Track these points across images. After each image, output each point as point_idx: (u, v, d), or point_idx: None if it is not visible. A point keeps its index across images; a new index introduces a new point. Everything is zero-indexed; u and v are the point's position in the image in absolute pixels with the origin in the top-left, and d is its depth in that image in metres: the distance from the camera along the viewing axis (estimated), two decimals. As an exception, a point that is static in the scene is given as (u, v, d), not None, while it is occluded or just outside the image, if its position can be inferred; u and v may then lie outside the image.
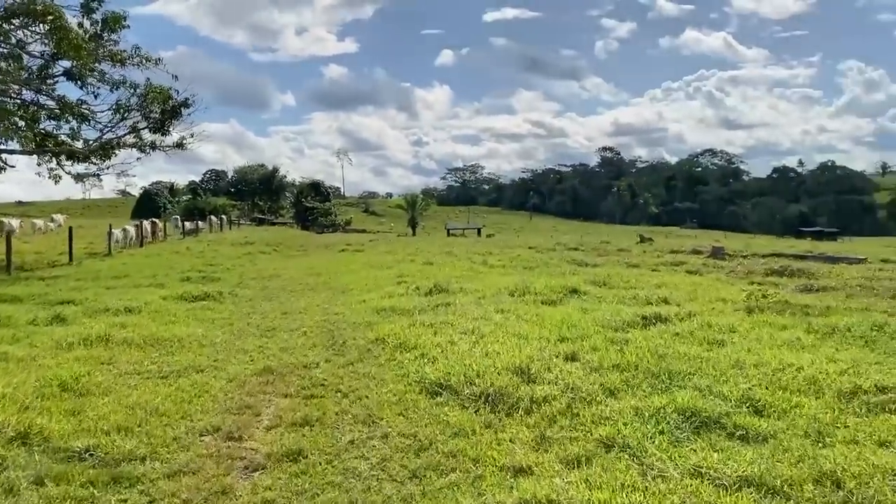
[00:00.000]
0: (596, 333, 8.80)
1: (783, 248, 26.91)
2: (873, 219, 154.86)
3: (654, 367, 7.03)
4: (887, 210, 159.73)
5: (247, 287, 16.06)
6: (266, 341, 9.65)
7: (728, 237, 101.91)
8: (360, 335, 9.59)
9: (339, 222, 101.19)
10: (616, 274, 16.33)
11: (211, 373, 7.89)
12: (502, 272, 18.15)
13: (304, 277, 18.03)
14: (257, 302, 13.77)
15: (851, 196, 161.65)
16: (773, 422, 5.53)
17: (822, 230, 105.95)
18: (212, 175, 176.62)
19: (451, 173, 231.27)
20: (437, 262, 19.93)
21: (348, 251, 29.02)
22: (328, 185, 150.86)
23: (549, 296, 12.45)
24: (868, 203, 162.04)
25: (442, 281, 14.35)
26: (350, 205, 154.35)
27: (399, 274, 16.77)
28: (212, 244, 32.31)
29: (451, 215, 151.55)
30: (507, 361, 7.11)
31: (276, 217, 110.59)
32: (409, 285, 14.38)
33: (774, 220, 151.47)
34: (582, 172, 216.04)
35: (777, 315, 10.52)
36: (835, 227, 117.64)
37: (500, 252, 25.04)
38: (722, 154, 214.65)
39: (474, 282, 15.23)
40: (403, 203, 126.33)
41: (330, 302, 13.39)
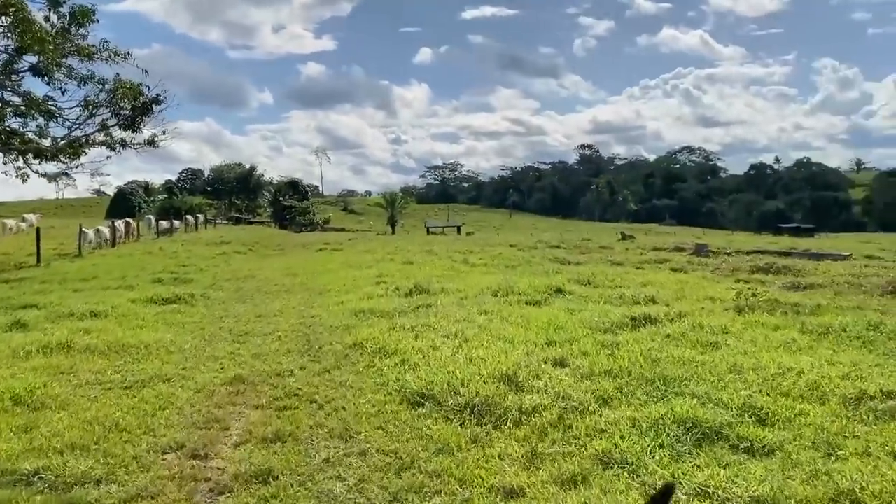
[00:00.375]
0: (584, 336, 8.44)
1: (765, 245, 26.85)
2: (848, 215, 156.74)
3: (648, 372, 6.67)
4: (862, 206, 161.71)
5: (220, 289, 15.52)
6: (238, 347, 9.17)
7: (707, 234, 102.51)
8: (337, 340, 9.14)
9: (317, 221, 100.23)
10: (600, 272, 16.01)
11: (178, 382, 7.41)
12: (484, 271, 17.78)
13: (281, 278, 17.51)
14: (230, 304, 13.25)
15: (827, 193, 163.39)
16: (779, 432, 5.18)
17: (800, 226, 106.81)
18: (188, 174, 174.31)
19: (431, 171, 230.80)
20: (417, 262, 19.50)
21: (326, 250, 28.45)
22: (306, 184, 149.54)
23: (534, 296, 12.08)
24: (843, 199, 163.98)
25: (422, 281, 13.93)
26: (329, 203, 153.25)
27: (378, 274, 16.31)
28: (186, 244, 31.59)
29: (431, 213, 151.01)
30: (492, 368, 6.71)
31: (253, 216, 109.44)
32: (389, 286, 13.94)
33: (751, 217, 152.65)
34: (561, 170, 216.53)
35: (768, 314, 10.24)
36: (811, 223, 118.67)
37: (482, 250, 24.66)
38: (700, 151, 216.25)
39: (456, 281, 14.84)
40: (383, 201, 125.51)
41: (306, 304, 12.92)
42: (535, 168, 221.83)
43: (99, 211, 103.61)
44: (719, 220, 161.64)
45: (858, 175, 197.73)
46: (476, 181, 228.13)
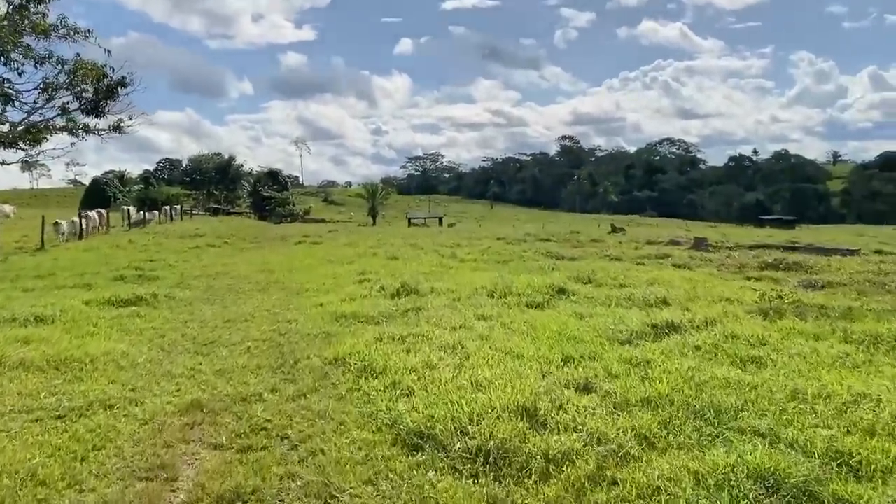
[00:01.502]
0: (604, 350, 7.26)
1: (764, 238, 25.84)
2: (827, 207, 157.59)
3: (693, 399, 5.51)
4: (840, 198, 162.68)
5: (188, 287, 14.17)
6: (200, 361, 7.88)
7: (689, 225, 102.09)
8: (315, 352, 7.88)
9: (297, 212, 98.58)
10: (601, 269, 14.86)
11: (123, 409, 6.14)
12: (475, 267, 16.57)
13: (255, 275, 16.19)
14: (197, 306, 11.92)
15: (806, 185, 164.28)
16: (880, 489, 4.04)
17: (781, 218, 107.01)
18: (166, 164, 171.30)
19: (411, 162, 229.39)
20: (402, 257, 18.24)
21: (305, 243, 27.05)
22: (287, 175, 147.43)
23: (534, 297, 10.90)
24: (822, 191, 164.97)
25: (410, 279, 12.69)
26: (309, 194, 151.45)
27: (361, 271, 15.03)
28: (158, 236, 30.05)
29: (412, 204, 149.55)
30: (505, 397, 5.48)
31: (232, 207, 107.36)
32: (373, 284, 12.69)
33: (731, 208, 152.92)
34: (542, 161, 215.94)
35: (799, 320, 9.14)
36: (790, 214, 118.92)
37: (469, 244, 23.45)
38: (680, 143, 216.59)
39: (446, 280, 13.62)
40: (363, 192, 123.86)
41: (282, 306, 11.63)
42: (516, 159, 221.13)
43: (74, 201, 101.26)
44: (699, 211, 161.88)
45: (835, 167, 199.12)
46: (457, 172, 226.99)
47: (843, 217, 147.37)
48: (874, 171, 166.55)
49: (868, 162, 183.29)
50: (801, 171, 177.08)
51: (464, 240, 26.23)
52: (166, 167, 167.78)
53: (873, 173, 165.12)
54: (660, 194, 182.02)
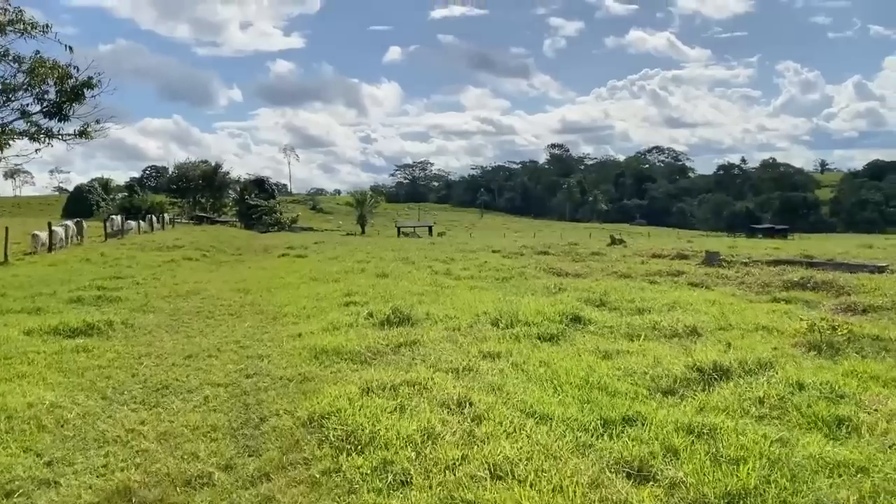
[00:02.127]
0: (648, 406, 5.80)
1: (774, 251, 24.42)
2: (817, 215, 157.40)
3: (792, 496, 4.05)
4: (830, 207, 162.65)
5: (152, 311, 12.61)
6: (144, 418, 6.35)
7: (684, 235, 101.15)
8: (286, 407, 6.37)
9: (284, 221, 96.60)
10: (612, 289, 13.43)
11: (24, 501, 4.63)
12: (472, 286, 15.10)
13: (230, 294, 14.63)
14: (158, 336, 10.38)
15: (796, 193, 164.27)
16: None
17: (773, 227, 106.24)
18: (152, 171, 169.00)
19: (401, 170, 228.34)
20: (392, 274, 16.73)
21: (289, 256, 25.46)
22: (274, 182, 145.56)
23: (547, 327, 9.43)
24: (811, 200, 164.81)
25: (402, 303, 11.19)
26: (297, 202, 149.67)
27: (347, 291, 13.50)
28: (133, 249, 28.40)
29: (401, 213, 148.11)
30: (540, 500, 3.99)
31: (218, 215, 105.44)
32: (361, 309, 11.19)
33: (721, 217, 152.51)
34: (531, 169, 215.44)
35: (861, 358, 7.74)
36: (780, 223, 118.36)
37: (463, 258, 21.97)
38: (669, 151, 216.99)
39: (442, 302, 12.14)
40: (352, 200, 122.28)
41: (254, 336, 10.10)
42: (506, 167, 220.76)
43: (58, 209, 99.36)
44: (689, 220, 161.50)
45: (823, 176, 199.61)
46: (446, 180, 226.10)
47: (832, 226, 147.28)
48: (863, 180, 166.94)
49: (856, 170, 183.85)
50: (789, 180, 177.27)
51: (457, 253, 24.75)
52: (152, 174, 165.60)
53: (862, 182, 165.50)
54: (649, 203, 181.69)
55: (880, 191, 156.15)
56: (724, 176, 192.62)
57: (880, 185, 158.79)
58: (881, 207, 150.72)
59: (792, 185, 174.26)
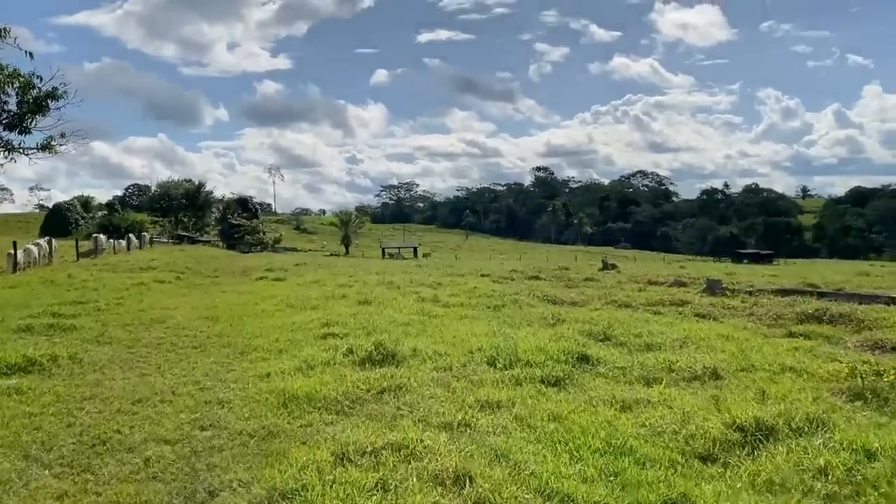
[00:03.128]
0: (690, 481, 4.68)
1: (772, 279, 23.44)
2: (800, 241, 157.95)
3: None
4: (814, 232, 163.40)
5: (108, 342, 11.34)
6: (66, 489, 5.13)
7: (666, 259, 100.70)
8: (243, 475, 5.18)
9: (267, 241, 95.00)
10: (616, 321, 12.33)
11: None
12: (462, 314, 13.94)
13: (198, 323, 13.37)
14: (109, 373, 9.13)
15: (779, 218, 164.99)
16: None
17: (759, 252, 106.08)
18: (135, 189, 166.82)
19: (386, 191, 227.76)
20: (376, 300, 15.52)
21: (267, 280, 24.14)
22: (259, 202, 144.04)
23: (551, 367, 8.30)
24: (795, 225, 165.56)
25: (386, 337, 10.03)
26: (281, 222, 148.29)
27: (325, 321, 12.28)
28: (104, 270, 26.97)
29: (386, 233, 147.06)
30: None
31: (201, 235, 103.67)
32: (340, 343, 10.00)
33: (705, 242, 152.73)
34: (517, 192, 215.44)
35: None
36: (764, 248, 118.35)
37: (451, 283, 20.80)
38: (653, 176, 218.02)
39: (431, 335, 10.98)
40: (337, 221, 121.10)
41: (217, 375, 8.88)
42: (491, 189, 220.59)
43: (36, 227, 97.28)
44: (673, 244, 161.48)
45: (805, 201, 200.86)
46: (432, 201, 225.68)
47: (816, 251, 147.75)
48: (846, 206, 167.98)
49: (839, 197, 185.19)
50: (772, 205, 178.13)
51: (444, 277, 23.58)
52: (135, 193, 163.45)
53: (845, 208, 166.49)
54: (634, 226, 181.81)
55: (862, 217, 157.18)
56: (707, 201, 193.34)
57: (863, 211, 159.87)
58: (864, 233, 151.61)
59: (775, 210, 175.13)
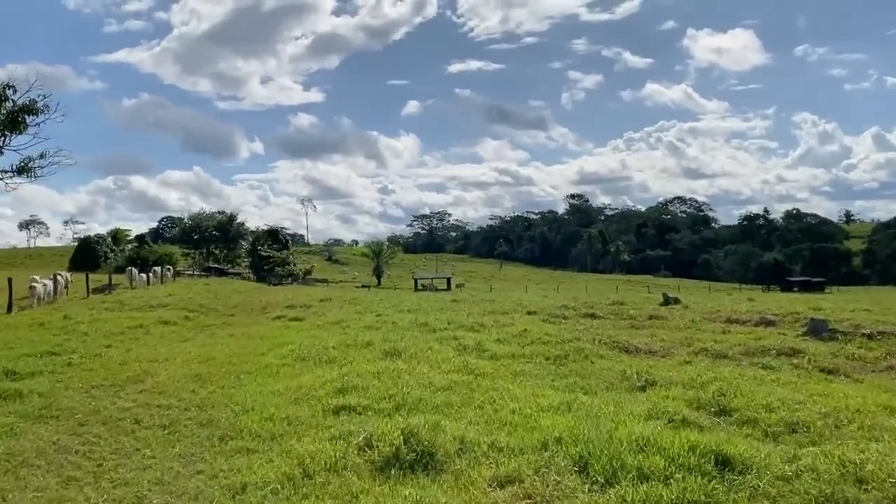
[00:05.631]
0: None
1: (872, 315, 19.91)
2: (849, 267, 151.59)
3: None
4: (863, 258, 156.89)
5: (52, 417, 8.54)
6: None
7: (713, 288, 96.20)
8: None
9: (297, 272, 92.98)
10: (724, 382, 9.20)
11: None
12: (518, 370, 10.92)
13: (182, 385, 10.53)
14: (9, 481, 6.31)
15: (827, 244, 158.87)
16: None
17: (810, 280, 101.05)
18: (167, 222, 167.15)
19: (418, 220, 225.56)
20: (406, 351, 12.52)
21: (284, 319, 21.36)
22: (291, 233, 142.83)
23: (682, 483, 5.24)
24: (843, 251, 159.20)
25: (420, 419, 7.07)
26: (313, 253, 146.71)
27: (341, 385, 9.35)
28: (110, 308, 24.51)
29: (418, 263, 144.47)
30: None
31: (231, 266, 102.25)
32: (355, 427, 7.07)
33: (749, 269, 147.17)
34: (551, 220, 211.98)
35: None
36: (811, 275, 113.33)
37: (495, 323, 17.75)
38: (691, 202, 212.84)
39: (481, 409, 8.01)
40: (368, 251, 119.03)
41: (172, 484, 5.99)
42: (525, 217, 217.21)
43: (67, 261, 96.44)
44: (715, 272, 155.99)
45: (849, 226, 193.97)
46: (464, 230, 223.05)
47: (866, 278, 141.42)
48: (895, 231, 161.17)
49: (889, 221, 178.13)
50: (816, 231, 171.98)
51: (486, 315, 20.54)
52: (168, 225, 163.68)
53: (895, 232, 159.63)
54: (673, 253, 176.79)
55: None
56: (748, 226, 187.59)
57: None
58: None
59: (820, 235, 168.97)
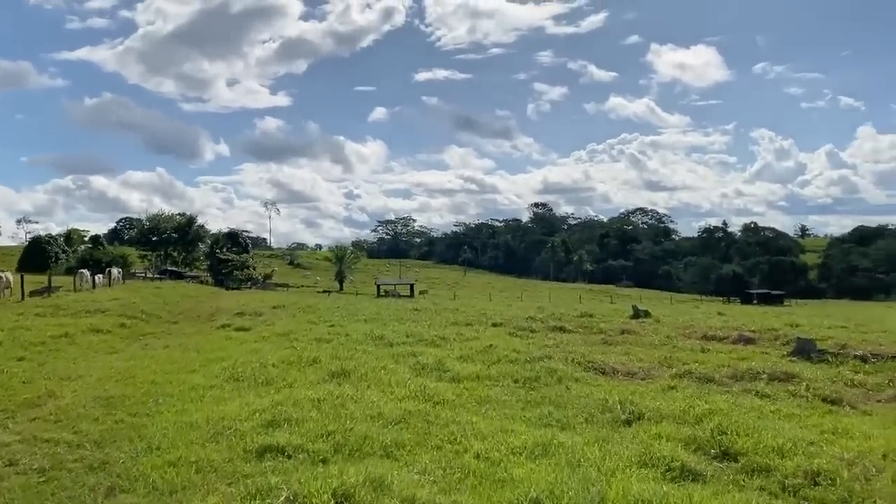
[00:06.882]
0: None
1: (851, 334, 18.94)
2: (806, 280, 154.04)
3: None
4: (819, 272, 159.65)
5: None
6: None
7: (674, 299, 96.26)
8: None
9: (256, 276, 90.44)
10: (722, 417, 7.94)
11: None
12: (483, 396, 9.54)
13: (87, 412, 8.90)
14: None
15: (784, 258, 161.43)
16: None
17: (769, 292, 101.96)
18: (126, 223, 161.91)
19: (382, 226, 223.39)
20: (356, 371, 11.01)
21: (229, 329, 19.66)
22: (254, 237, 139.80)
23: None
24: (799, 264, 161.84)
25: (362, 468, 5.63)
26: (275, 256, 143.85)
27: (272, 417, 7.81)
28: (41, 313, 22.50)
29: (382, 269, 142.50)
30: None
31: (189, 269, 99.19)
32: (280, 476, 5.60)
33: (709, 281, 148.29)
34: (515, 228, 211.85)
35: None
36: (769, 288, 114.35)
37: (458, 337, 16.32)
38: (652, 213, 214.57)
39: (436, 447, 6.61)
40: (331, 256, 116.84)
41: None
42: (489, 225, 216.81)
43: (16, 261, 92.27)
44: (675, 283, 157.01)
45: (805, 241, 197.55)
46: (429, 237, 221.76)
47: (822, 291, 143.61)
48: (850, 245, 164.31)
49: (843, 236, 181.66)
50: (774, 244, 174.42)
51: (448, 325, 19.11)
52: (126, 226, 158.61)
53: (850, 247, 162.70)
54: (634, 264, 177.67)
55: (867, 257, 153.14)
56: (708, 238, 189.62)
57: (867, 250, 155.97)
58: (871, 273, 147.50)
59: (777, 249, 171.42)
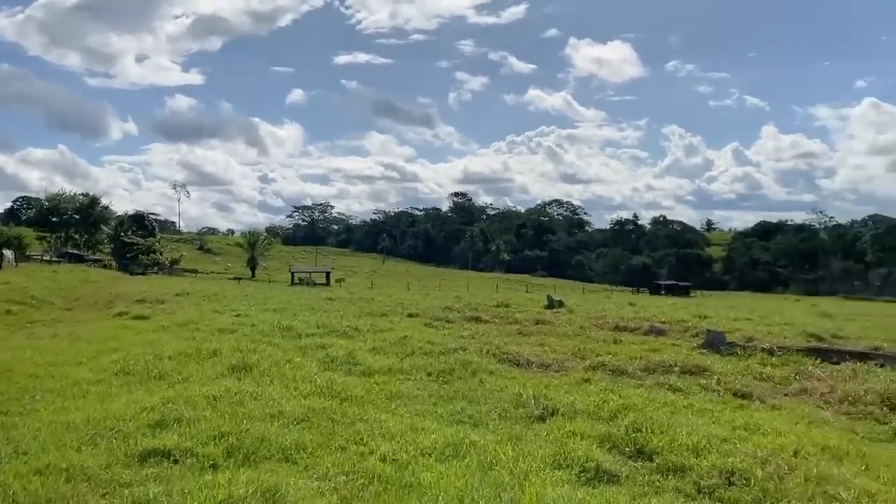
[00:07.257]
0: None
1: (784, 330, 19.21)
2: (711, 272, 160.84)
3: None
4: (723, 264, 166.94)
5: None
6: None
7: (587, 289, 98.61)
8: None
9: (163, 261, 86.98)
10: (635, 411, 7.77)
11: None
12: (394, 391, 9.10)
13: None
14: None
15: (691, 250, 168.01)
16: None
17: (677, 284, 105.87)
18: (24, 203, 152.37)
19: (299, 211, 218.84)
20: (259, 364, 10.31)
21: (127, 317, 18.48)
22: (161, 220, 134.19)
23: None
24: (705, 257, 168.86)
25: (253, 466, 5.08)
26: (184, 241, 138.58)
27: (161, 417, 7.10)
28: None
29: (297, 256, 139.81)
30: None
31: (93, 253, 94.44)
32: (163, 485, 4.99)
33: (619, 271, 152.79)
34: (434, 217, 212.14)
35: None
36: (676, 279, 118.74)
37: (372, 328, 15.82)
38: (567, 205, 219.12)
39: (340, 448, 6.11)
40: (243, 241, 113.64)
41: None
42: (409, 213, 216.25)
43: None
44: (587, 273, 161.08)
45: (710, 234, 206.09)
46: (347, 224, 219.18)
47: (725, 283, 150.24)
48: (752, 240, 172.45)
49: (745, 230, 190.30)
50: (681, 237, 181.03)
51: (362, 316, 18.58)
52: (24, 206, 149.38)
53: (752, 241, 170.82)
54: (549, 254, 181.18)
55: (768, 251, 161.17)
56: (619, 231, 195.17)
57: (768, 245, 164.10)
58: (771, 267, 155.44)
59: (684, 242, 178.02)
